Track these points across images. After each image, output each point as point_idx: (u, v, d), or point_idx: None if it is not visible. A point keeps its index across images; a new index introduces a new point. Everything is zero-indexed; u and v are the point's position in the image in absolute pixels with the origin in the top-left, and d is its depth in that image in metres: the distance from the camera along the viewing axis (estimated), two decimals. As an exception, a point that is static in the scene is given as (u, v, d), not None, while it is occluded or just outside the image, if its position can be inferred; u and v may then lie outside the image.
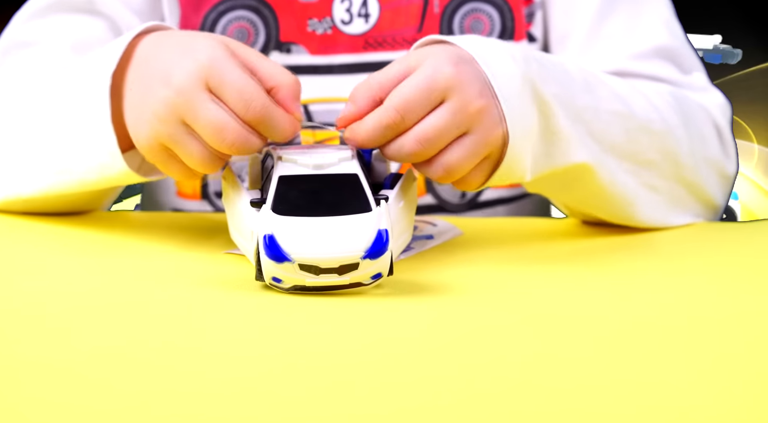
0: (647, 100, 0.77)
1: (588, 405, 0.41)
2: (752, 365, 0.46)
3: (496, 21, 0.91)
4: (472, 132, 0.64)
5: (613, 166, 0.74)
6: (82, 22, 0.87)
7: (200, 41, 0.63)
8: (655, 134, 0.77)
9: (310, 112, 0.91)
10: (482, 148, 0.64)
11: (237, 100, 0.60)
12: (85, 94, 0.68)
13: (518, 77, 0.67)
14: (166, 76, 0.62)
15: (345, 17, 0.90)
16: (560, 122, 0.69)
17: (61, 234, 0.74)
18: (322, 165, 0.62)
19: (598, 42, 0.89)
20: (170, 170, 0.65)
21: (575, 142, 0.71)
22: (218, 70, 0.60)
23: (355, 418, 0.39)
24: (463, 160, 0.64)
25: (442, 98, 0.63)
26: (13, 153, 0.74)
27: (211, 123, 0.60)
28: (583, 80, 0.74)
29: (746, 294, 0.61)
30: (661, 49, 0.87)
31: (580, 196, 0.77)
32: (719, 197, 0.82)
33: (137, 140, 0.64)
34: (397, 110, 0.62)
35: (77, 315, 0.54)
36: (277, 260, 0.57)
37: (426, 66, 0.63)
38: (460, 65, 0.64)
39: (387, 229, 0.58)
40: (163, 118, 0.62)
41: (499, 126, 0.65)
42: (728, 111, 0.86)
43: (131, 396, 0.41)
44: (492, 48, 0.68)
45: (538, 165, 0.69)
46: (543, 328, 0.53)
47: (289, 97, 0.63)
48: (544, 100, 0.68)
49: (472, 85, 0.64)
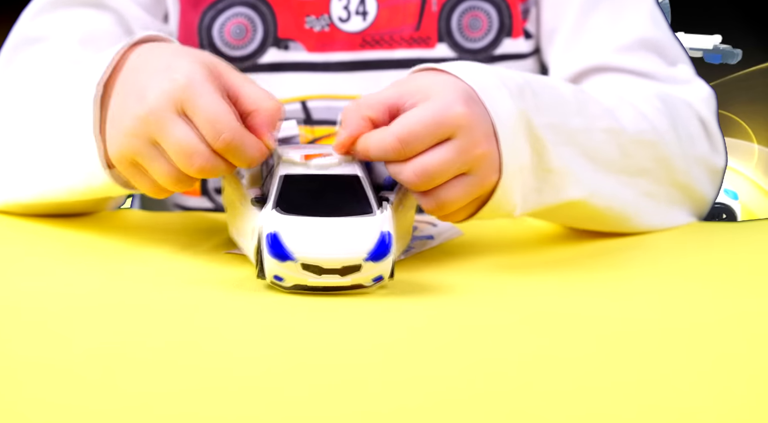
0: (636, 110, 0.78)
1: (587, 405, 0.41)
2: (751, 365, 0.46)
3: (494, 18, 0.91)
4: (472, 173, 0.64)
5: (609, 186, 0.74)
6: (89, 16, 0.87)
7: (182, 60, 0.62)
8: (648, 144, 0.77)
9: (308, 109, 0.91)
10: (478, 190, 0.65)
11: (208, 128, 0.59)
12: (74, 104, 0.67)
13: (515, 116, 0.66)
14: (142, 93, 0.61)
15: (343, 15, 0.90)
16: (553, 160, 0.69)
17: (60, 233, 0.74)
18: (324, 165, 0.62)
19: (583, 36, 0.89)
20: (140, 185, 0.64)
21: (568, 180, 0.70)
22: (192, 93, 0.60)
23: (355, 418, 0.39)
24: (459, 199, 0.64)
25: (449, 135, 0.62)
26: (12, 158, 0.74)
27: (181, 147, 0.60)
28: (575, 101, 0.73)
29: (745, 294, 0.61)
30: (646, 41, 0.88)
31: (575, 222, 0.77)
32: (710, 193, 0.83)
33: (111, 152, 0.64)
34: (400, 140, 0.61)
35: (78, 315, 0.54)
36: (280, 259, 0.57)
37: (436, 100, 0.63)
38: (471, 105, 0.63)
39: (390, 232, 0.58)
40: (134, 134, 0.61)
41: (497, 171, 0.65)
42: (713, 103, 0.86)
43: (133, 396, 0.41)
44: (491, 82, 0.67)
45: (529, 201, 0.69)
46: (542, 328, 0.53)
47: (265, 123, 0.62)
48: (537, 137, 0.68)
49: (481, 127, 0.63)
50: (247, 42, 0.90)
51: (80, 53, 0.85)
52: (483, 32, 0.91)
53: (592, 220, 0.75)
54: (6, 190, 0.75)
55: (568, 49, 0.89)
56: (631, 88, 0.83)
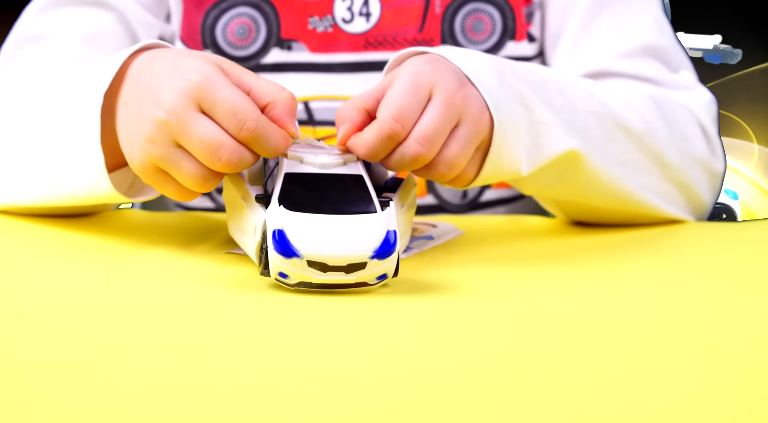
0: (624, 101, 0.78)
1: (585, 400, 0.41)
2: (746, 363, 0.46)
3: (498, 21, 0.91)
4: (463, 122, 0.64)
5: (600, 159, 0.75)
6: (91, 14, 0.87)
7: (191, 60, 0.62)
8: (634, 133, 0.77)
9: (310, 110, 0.91)
10: (474, 136, 0.65)
11: (230, 119, 0.59)
12: (77, 112, 0.67)
13: (492, 71, 0.68)
14: (157, 96, 0.60)
15: (346, 16, 0.90)
16: (544, 113, 0.70)
17: (61, 233, 0.74)
18: (327, 164, 0.62)
19: (586, 41, 0.89)
20: (166, 190, 0.64)
21: (562, 130, 0.71)
22: (210, 88, 0.60)
23: (356, 415, 0.39)
24: (461, 151, 0.64)
25: (428, 95, 0.63)
26: (12, 161, 0.74)
27: (206, 142, 0.59)
28: (557, 83, 0.74)
29: (744, 293, 0.61)
30: (649, 47, 0.88)
31: (575, 187, 0.77)
32: (708, 196, 0.83)
33: (132, 163, 0.63)
34: (395, 119, 0.62)
35: (79, 314, 0.54)
36: (285, 255, 0.57)
37: (404, 70, 0.64)
38: (435, 63, 0.65)
39: (395, 231, 0.58)
40: (155, 140, 0.61)
41: (485, 111, 0.66)
42: (714, 109, 0.86)
43: (135, 395, 0.41)
44: (462, 51, 0.70)
45: (531, 158, 0.70)
46: (543, 326, 0.53)
47: (285, 113, 0.62)
48: (523, 94, 0.69)
49: (451, 76, 0.65)
50: (250, 42, 0.91)
51: (82, 53, 0.85)
52: (486, 35, 0.91)
53: (587, 185, 0.75)
54: (6, 193, 0.75)
55: (571, 54, 0.89)
56: (625, 87, 0.83)
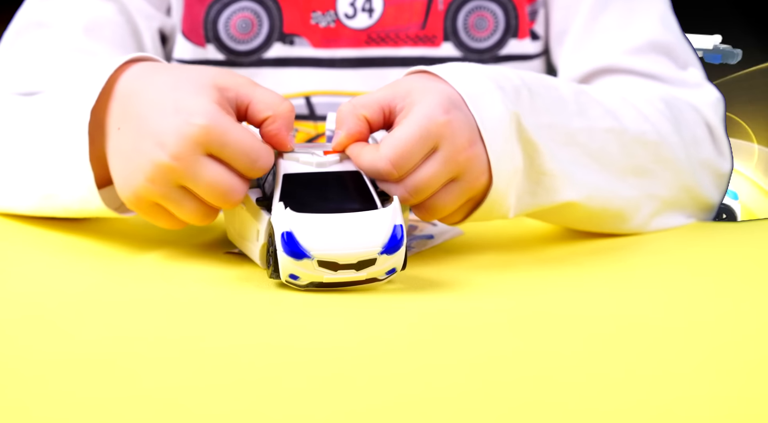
0: (638, 111, 0.77)
1: (586, 401, 0.41)
2: (751, 365, 0.46)
3: (500, 19, 0.91)
4: (460, 179, 0.65)
5: (611, 185, 0.74)
6: (94, 3, 0.87)
7: (190, 97, 0.60)
8: (650, 144, 0.77)
9: (312, 105, 0.91)
10: (467, 193, 0.66)
11: (243, 159, 0.60)
12: (65, 127, 0.66)
13: (506, 119, 0.67)
14: (158, 137, 0.60)
15: (349, 11, 0.90)
16: (546, 163, 0.69)
17: (60, 233, 0.73)
18: (324, 163, 0.62)
19: (593, 37, 0.89)
20: (158, 222, 0.64)
21: (563, 182, 0.70)
22: (217, 133, 0.59)
23: (357, 414, 0.39)
24: (449, 204, 0.65)
25: (434, 146, 0.63)
26: (6, 169, 0.73)
27: (215, 187, 0.60)
28: (576, 102, 0.74)
29: (744, 292, 0.61)
30: (656, 43, 0.87)
31: (571, 223, 0.77)
32: (715, 197, 0.83)
33: (123, 194, 0.63)
34: (392, 163, 0.62)
35: (79, 314, 0.54)
36: (295, 257, 0.57)
37: (417, 113, 0.63)
38: (452, 112, 0.64)
39: (402, 225, 0.59)
40: (157, 181, 0.60)
41: (486, 173, 0.66)
42: (721, 108, 0.85)
43: (135, 395, 0.41)
44: (482, 84, 0.67)
45: (522, 203, 0.69)
46: (543, 325, 0.53)
47: (284, 128, 0.63)
48: (530, 140, 0.68)
49: (463, 133, 0.64)
50: (253, 36, 0.91)
51: (84, 42, 0.85)
52: (489, 32, 0.91)
53: (588, 221, 0.75)
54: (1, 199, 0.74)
55: (577, 50, 0.89)
56: (635, 90, 0.83)
